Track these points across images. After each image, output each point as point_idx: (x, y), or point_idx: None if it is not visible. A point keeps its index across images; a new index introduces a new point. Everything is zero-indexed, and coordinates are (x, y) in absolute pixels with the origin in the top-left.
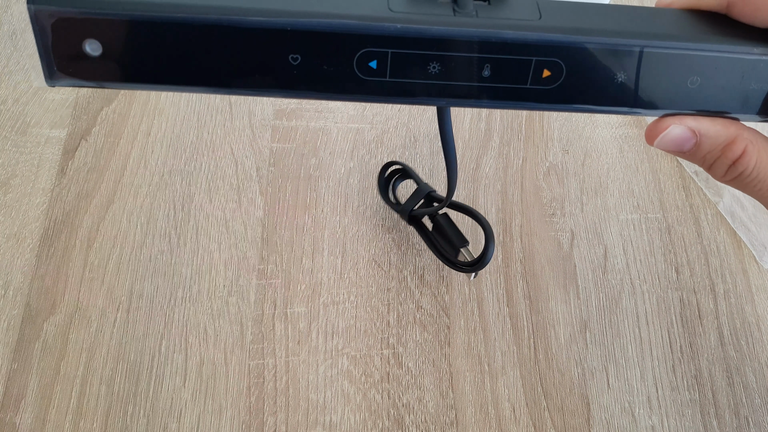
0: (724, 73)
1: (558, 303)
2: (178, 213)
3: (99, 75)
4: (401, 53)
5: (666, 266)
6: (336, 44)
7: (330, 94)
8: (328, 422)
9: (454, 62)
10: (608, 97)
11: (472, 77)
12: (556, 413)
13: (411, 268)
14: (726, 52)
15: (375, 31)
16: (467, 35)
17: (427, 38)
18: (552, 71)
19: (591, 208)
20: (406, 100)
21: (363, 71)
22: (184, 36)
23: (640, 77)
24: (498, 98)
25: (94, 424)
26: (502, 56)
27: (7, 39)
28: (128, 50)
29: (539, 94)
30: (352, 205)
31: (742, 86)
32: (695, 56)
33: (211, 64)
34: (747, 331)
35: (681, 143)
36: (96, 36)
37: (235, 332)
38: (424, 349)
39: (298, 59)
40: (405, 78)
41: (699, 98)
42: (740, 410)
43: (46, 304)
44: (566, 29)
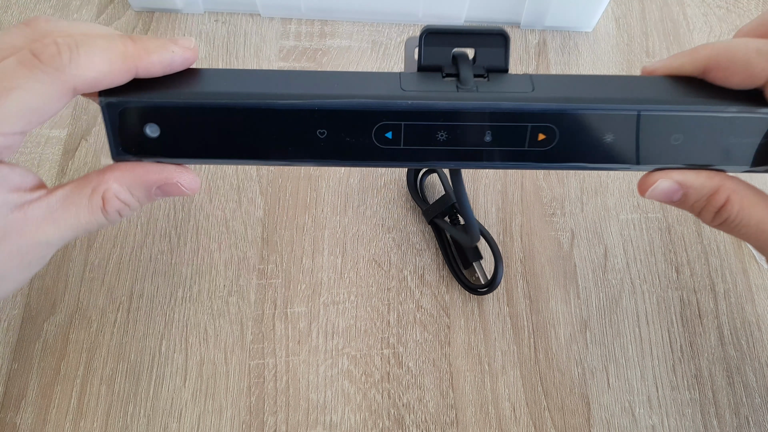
0: (703, 130)
1: (558, 303)
2: (179, 213)
3: (157, 152)
4: (413, 125)
5: (666, 266)
6: (356, 120)
7: (353, 162)
8: (329, 422)
9: (459, 131)
10: (599, 156)
11: (476, 143)
12: (556, 413)
13: (411, 267)
14: (703, 111)
15: (390, 107)
16: (469, 108)
17: (434, 111)
18: (546, 135)
19: (591, 207)
20: (418, 165)
21: (380, 141)
22: (227, 118)
23: (626, 137)
24: (500, 160)
25: (94, 424)
26: (501, 124)
27: None
28: (181, 132)
29: (537, 155)
30: (352, 205)
31: (722, 141)
32: (675, 117)
33: (250, 142)
34: (747, 330)
35: (669, 195)
36: (155, 120)
37: (236, 332)
38: (424, 349)
39: (324, 133)
40: (417, 145)
41: (682, 154)
42: (740, 410)
43: (47, 304)
44: (556, 99)
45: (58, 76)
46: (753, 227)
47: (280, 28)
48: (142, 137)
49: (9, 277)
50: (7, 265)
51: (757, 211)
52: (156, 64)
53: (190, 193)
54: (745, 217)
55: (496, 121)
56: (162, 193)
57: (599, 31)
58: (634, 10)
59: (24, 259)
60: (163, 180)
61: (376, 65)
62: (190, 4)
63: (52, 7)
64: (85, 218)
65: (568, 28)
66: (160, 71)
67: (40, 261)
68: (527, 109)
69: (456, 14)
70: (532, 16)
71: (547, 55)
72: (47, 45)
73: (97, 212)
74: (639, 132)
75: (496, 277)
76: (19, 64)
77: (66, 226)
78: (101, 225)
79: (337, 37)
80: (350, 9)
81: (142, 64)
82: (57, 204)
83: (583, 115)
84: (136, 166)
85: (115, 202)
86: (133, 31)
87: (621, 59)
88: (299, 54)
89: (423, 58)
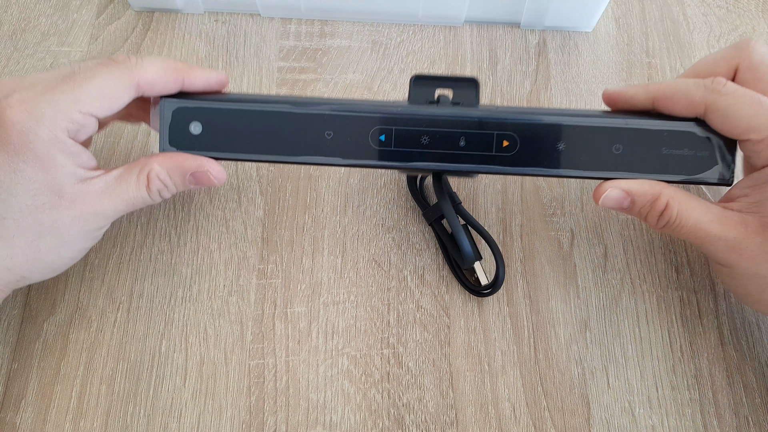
0: (639, 141)
1: (558, 303)
2: (178, 213)
3: (197, 147)
4: (401, 129)
5: (666, 266)
6: (357, 124)
7: (352, 160)
8: (328, 422)
9: (438, 136)
10: (555, 162)
11: (453, 147)
12: (556, 413)
13: (411, 267)
14: (635, 125)
15: (383, 114)
16: (445, 116)
17: (418, 119)
18: (510, 142)
19: (591, 207)
20: (405, 165)
21: (375, 143)
22: (255, 120)
23: (574, 146)
24: (473, 162)
25: (94, 423)
26: (472, 131)
27: (8, 39)
28: (219, 130)
29: (503, 159)
30: (352, 205)
31: (657, 152)
32: (613, 128)
33: (273, 140)
34: (747, 330)
35: (619, 202)
36: (199, 119)
37: (235, 332)
38: (424, 349)
39: (331, 135)
40: (405, 147)
41: (623, 163)
42: (740, 410)
43: (47, 304)
44: (515, 112)
45: (127, 72)
46: (690, 227)
47: (280, 28)
48: (187, 134)
49: (70, 243)
50: (71, 229)
51: (693, 214)
52: (199, 78)
53: (217, 182)
54: (683, 219)
55: (467, 128)
56: (194, 181)
57: (599, 31)
58: (634, 10)
59: (84, 225)
60: (196, 167)
61: (376, 65)
62: (190, 4)
63: (52, 7)
64: (134, 192)
65: (568, 28)
66: (201, 86)
67: (96, 232)
68: (491, 118)
69: (456, 14)
70: (532, 16)
71: (547, 55)
72: (121, 55)
73: (143, 189)
74: (584, 141)
75: (498, 278)
76: (99, 63)
77: (119, 199)
78: (145, 201)
79: (337, 37)
80: (350, 9)
81: (188, 77)
82: (112, 180)
83: (537, 124)
84: (176, 154)
85: (157, 182)
86: (133, 31)
87: (621, 59)
88: (299, 54)
89: (412, 97)
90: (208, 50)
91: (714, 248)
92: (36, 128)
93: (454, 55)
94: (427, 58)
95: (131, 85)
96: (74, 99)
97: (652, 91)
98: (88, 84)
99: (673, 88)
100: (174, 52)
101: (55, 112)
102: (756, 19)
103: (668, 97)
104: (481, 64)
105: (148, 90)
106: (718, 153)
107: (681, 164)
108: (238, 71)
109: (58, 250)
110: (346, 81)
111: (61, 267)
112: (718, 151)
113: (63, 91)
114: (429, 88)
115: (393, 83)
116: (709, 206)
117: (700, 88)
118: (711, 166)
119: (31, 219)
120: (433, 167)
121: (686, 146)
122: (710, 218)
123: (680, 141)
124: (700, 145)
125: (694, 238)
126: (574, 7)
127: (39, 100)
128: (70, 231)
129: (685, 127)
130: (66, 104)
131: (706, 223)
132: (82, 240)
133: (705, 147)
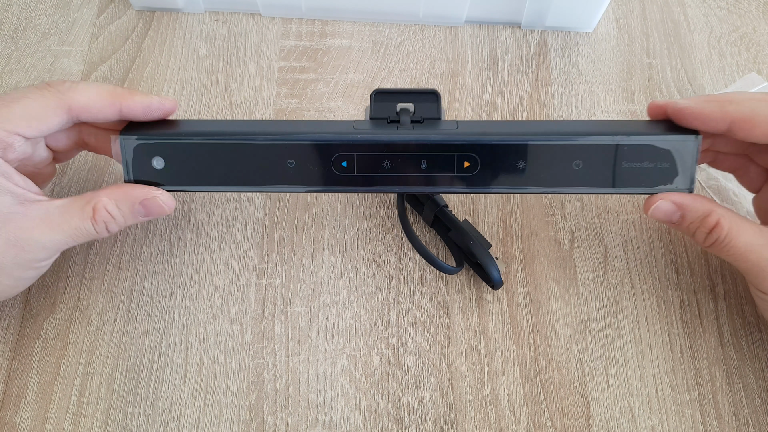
0: (599, 156)
1: (558, 303)
2: (178, 212)
3: (160, 182)
4: (363, 155)
5: (666, 266)
6: (318, 152)
7: (316, 187)
8: (328, 421)
9: (400, 160)
10: (516, 179)
11: (414, 170)
12: (556, 413)
13: (411, 267)
14: (594, 141)
15: (344, 141)
16: (406, 140)
17: (378, 144)
18: (471, 162)
19: (591, 208)
20: (369, 189)
21: (338, 169)
22: (217, 153)
23: (534, 164)
24: (436, 184)
25: (94, 423)
26: (433, 153)
27: (8, 38)
28: (181, 164)
29: (465, 180)
30: (352, 204)
31: (618, 166)
32: (572, 145)
33: (235, 171)
34: (747, 331)
35: (670, 214)
36: (161, 154)
37: (235, 331)
38: (424, 349)
39: (293, 163)
40: (367, 172)
41: (584, 178)
42: (740, 411)
43: (47, 303)
44: (475, 134)
45: (57, 95)
46: (741, 248)
47: (281, 27)
48: (150, 168)
49: (5, 270)
50: (6, 254)
51: (744, 235)
52: (138, 104)
53: (168, 210)
54: (733, 239)
55: (428, 151)
56: (144, 210)
57: (600, 31)
58: (635, 10)
59: (20, 253)
60: (144, 195)
61: (377, 65)
62: (190, 4)
63: (53, 6)
64: (77, 223)
65: (568, 28)
66: (141, 112)
67: (35, 264)
68: (452, 141)
69: (457, 14)
70: (533, 16)
71: (547, 55)
72: (57, 80)
73: (87, 220)
74: (544, 159)
75: (492, 278)
76: (33, 87)
77: (59, 229)
78: (89, 234)
79: (337, 36)
80: (351, 9)
81: (126, 102)
82: (54, 209)
83: (496, 145)
84: (125, 185)
85: (104, 213)
86: (133, 30)
87: (621, 59)
88: (300, 54)
89: (373, 112)
90: (208, 50)
91: (763, 275)
92: None
93: (455, 56)
94: (428, 58)
95: (61, 107)
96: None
97: (730, 113)
98: (14, 104)
99: (753, 112)
100: (175, 52)
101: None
102: (756, 19)
103: (748, 120)
104: (481, 64)
105: (83, 114)
106: (679, 164)
107: (642, 177)
108: (238, 71)
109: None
110: (347, 81)
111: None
112: (679, 162)
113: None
114: (390, 102)
115: (393, 83)
116: (761, 229)
117: None
118: (672, 177)
119: None
120: (396, 190)
121: (647, 159)
122: (763, 242)
123: (640, 154)
124: (661, 157)
125: (743, 261)
126: (574, 8)
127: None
128: (5, 255)
129: (645, 141)
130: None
131: (758, 246)
132: (19, 268)
133: (666, 158)
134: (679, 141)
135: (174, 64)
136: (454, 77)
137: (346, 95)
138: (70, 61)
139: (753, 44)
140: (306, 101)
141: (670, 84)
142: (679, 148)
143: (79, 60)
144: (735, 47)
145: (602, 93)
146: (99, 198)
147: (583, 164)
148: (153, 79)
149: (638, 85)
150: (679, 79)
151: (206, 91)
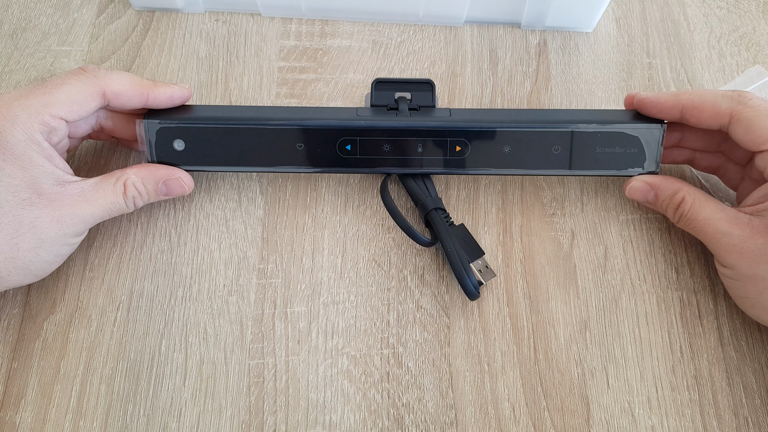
0: (575, 142)
1: (558, 303)
2: (178, 212)
3: (180, 162)
4: (365, 139)
5: (666, 266)
6: (325, 136)
7: (322, 168)
8: (328, 421)
9: (398, 143)
10: (503, 162)
11: (412, 153)
12: (556, 413)
13: (411, 267)
14: (571, 128)
15: (348, 126)
16: (404, 126)
17: (379, 129)
18: (462, 147)
19: (591, 208)
20: (371, 170)
21: (342, 152)
22: (232, 136)
23: (518, 148)
24: (431, 166)
25: (94, 423)
26: (428, 138)
27: (8, 38)
28: (199, 146)
29: (457, 162)
30: (352, 204)
31: (592, 151)
32: (552, 132)
33: (248, 153)
34: (747, 331)
35: (645, 193)
36: (182, 137)
37: (235, 332)
38: (424, 349)
39: (302, 146)
40: (369, 155)
41: (562, 161)
42: (740, 411)
43: (47, 303)
44: (466, 120)
45: (96, 81)
46: (700, 222)
47: (281, 27)
48: (172, 150)
49: (47, 245)
50: (50, 229)
51: (705, 209)
52: (162, 94)
53: (188, 190)
54: (695, 213)
55: (425, 136)
56: (166, 189)
57: (600, 31)
58: (635, 10)
59: (62, 228)
60: (168, 175)
61: (377, 65)
62: (190, 4)
63: (52, 6)
64: (111, 198)
65: (568, 28)
66: (165, 102)
67: (73, 238)
68: (445, 127)
69: (457, 14)
70: (533, 16)
71: (547, 55)
72: (90, 65)
73: (119, 195)
74: (527, 144)
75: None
76: (70, 72)
77: (96, 204)
78: (121, 208)
79: (337, 36)
80: (351, 9)
81: (152, 93)
82: (89, 187)
83: (485, 131)
84: (150, 165)
85: (132, 189)
86: (133, 30)
87: (621, 60)
88: (300, 54)
89: (374, 99)
90: (208, 50)
91: (719, 245)
92: (11, 129)
93: (455, 56)
94: (428, 58)
95: (98, 93)
96: (45, 103)
97: (681, 101)
98: (57, 90)
99: (701, 99)
100: (174, 52)
101: (28, 114)
102: (756, 19)
103: (696, 107)
104: (481, 64)
105: (113, 100)
106: (646, 149)
107: (614, 161)
108: (238, 71)
109: (36, 251)
110: (347, 81)
111: (37, 271)
112: (646, 148)
113: (35, 96)
114: (389, 91)
115: None
116: (723, 207)
117: (728, 100)
118: (642, 161)
119: (10, 215)
120: (395, 171)
121: (617, 145)
122: (720, 216)
123: (612, 141)
124: (630, 143)
125: (703, 233)
126: (574, 8)
127: (12, 104)
128: (49, 231)
129: (615, 128)
130: (37, 107)
131: (715, 219)
132: (59, 243)
133: (635, 144)
134: (646, 129)
135: (174, 64)
136: (454, 77)
137: (346, 95)
138: (70, 61)
139: (753, 44)
140: (306, 101)
141: (669, 84)
142: (645, 135)
143: (79, 60)
144: (735, 47)
145: (602, 93)
146: (128, 176)
147: (561, 149)
148: (153, 78)
149: (638, 85)
150: (679, 79)
151: (206, 91)
